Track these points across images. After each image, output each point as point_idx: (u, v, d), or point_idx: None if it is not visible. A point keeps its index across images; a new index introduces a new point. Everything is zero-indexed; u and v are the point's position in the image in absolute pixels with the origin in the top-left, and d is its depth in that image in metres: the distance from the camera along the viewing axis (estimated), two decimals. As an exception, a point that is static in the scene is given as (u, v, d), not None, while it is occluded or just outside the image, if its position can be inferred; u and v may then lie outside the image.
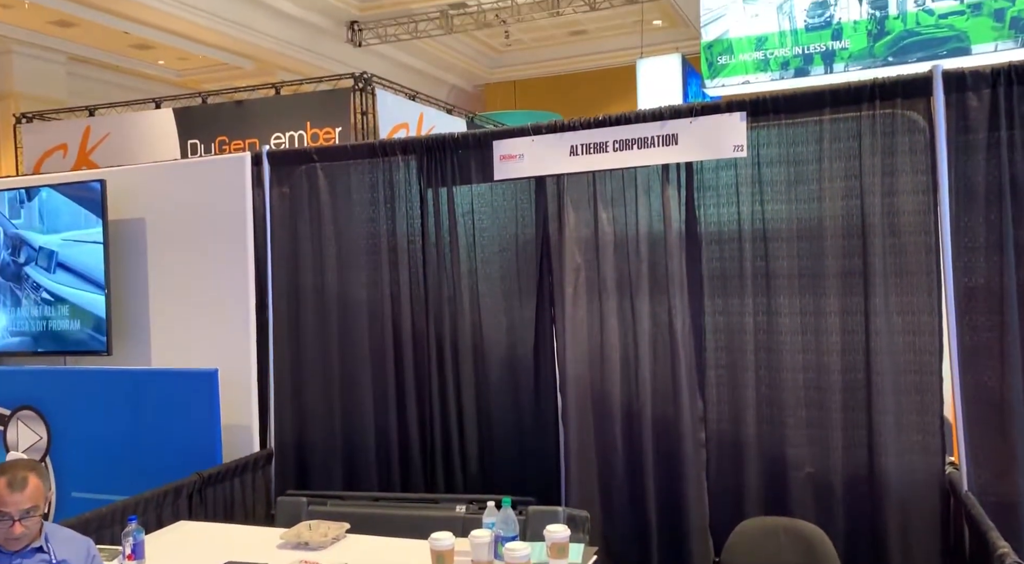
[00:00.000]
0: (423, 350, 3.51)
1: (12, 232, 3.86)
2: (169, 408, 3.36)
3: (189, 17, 10.67)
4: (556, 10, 11.85)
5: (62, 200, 3.83)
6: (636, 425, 3.16)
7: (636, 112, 3.06)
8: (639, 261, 3.14)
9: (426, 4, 12.26)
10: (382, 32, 12.82)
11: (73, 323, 3.78)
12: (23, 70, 11.51)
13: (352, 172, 3.62)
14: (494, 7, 12.02)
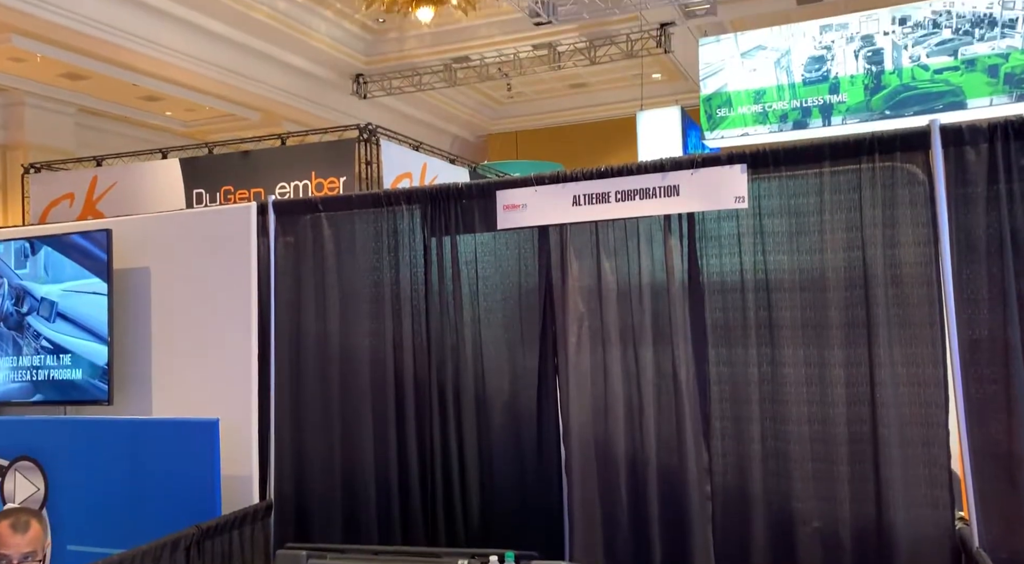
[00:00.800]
0: (425, 399, 3.49)
1: (16, 283, 3.88)
2: (168, 458, 3.32)
3: (198, 70, 10.91)
4: (557, 64, 12.12)
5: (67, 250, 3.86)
6: (641, 477, 3.12)
7: (638, 163, 3.10)
8: (642, 311, 3.14)
9: (430, 57, 12.56)
10: (387, 85, 13.09)
11: (75, 372, 3.77)
12: (33, 121, 11.72)
13: (357, 221, 3.65)
14: (496, 61, 12.30)
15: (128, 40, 9.79)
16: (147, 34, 9.95)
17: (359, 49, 12.52)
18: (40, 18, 8.84)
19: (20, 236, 4.05)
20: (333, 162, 7.96)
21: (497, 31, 11.79)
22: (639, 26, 10.94)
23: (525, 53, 12.09)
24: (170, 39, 10.25)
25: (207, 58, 10.91)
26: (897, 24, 5.94)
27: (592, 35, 11.41)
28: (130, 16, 9.67)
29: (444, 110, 14.91)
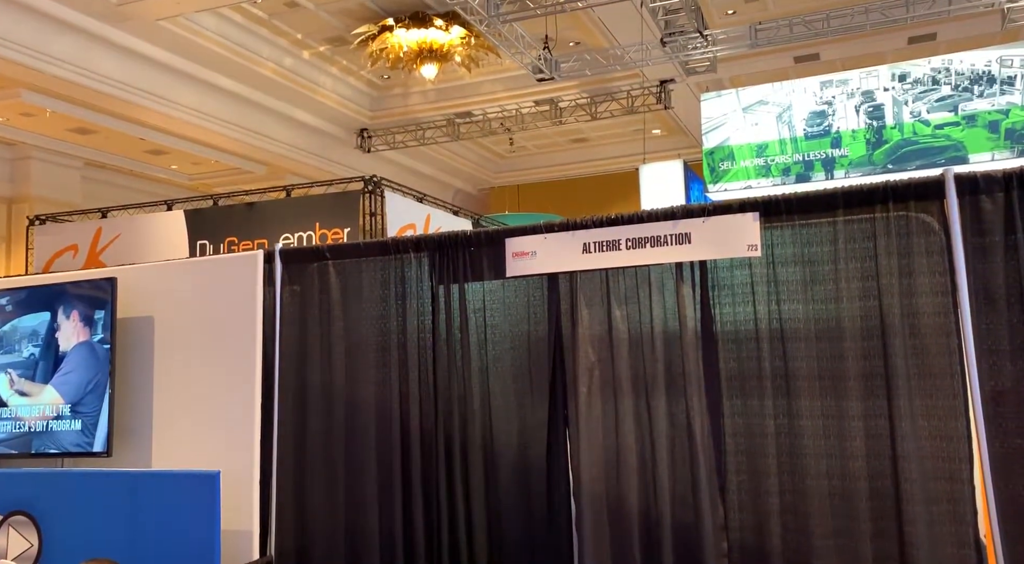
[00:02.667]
0: (431, 452, 3.40)
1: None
2: (167, 512, 3.22)
3: (205, 124, 11.08)
4: (558, 119, 12.32)
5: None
6: (654, 533, 3.01)
7: (649, 211, 3.09)
8: (655, 360, 3.09)
9: (433, 113, 12.78)
10: (390, 139, 13.28)
11: (74, 423, 3.69)
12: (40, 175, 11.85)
13: (364, 269, 3.63)
14: (499, 116, 12.51)
15: (137, 96, 9.96)
16: (156, 89, 10.12)
17: (364, 104, 12.74)
18: (50, 74, 9.01)
19: (25, 285, 4.02)
20: (337, 213, 8.00)
21: (499, 87, 12.02)
22: (640, 83, 11.15)
23: (527, 108, 12.31)
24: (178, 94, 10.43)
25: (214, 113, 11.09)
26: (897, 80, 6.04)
27: (593, 91, 11.63)
28: (140, 72, 9.86)
29: (447, 164, 15.10)
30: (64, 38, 8.89)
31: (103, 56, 9.37)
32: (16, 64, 8.73)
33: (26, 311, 3.89)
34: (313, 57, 11.41)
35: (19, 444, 3.79)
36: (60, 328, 3.80)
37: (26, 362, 3.86)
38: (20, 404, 3.79)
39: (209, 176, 13.81)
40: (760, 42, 8.07)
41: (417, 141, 13.19)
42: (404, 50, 9.79)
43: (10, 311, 3.91)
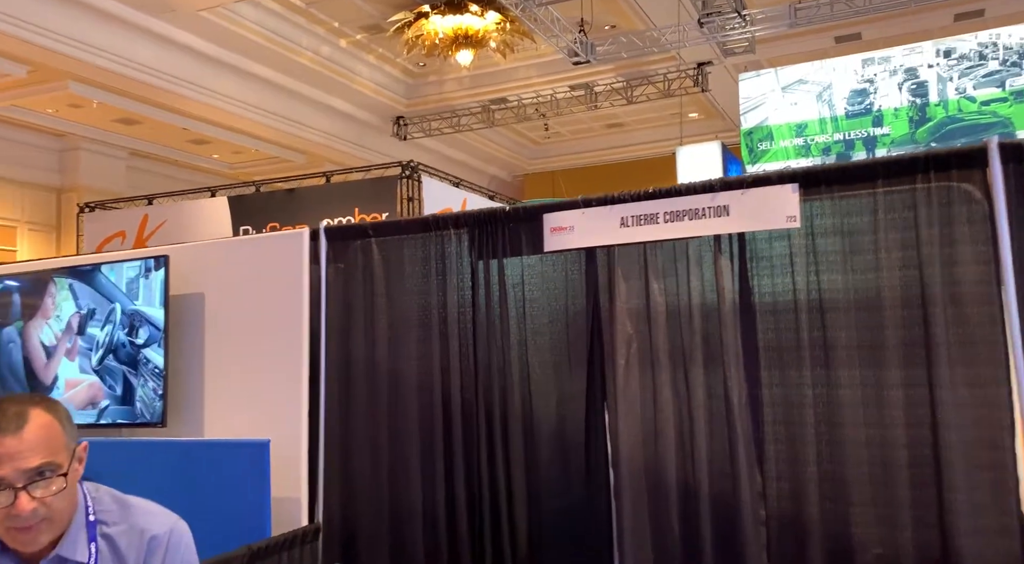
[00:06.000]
0: (472, 424, 3.48)
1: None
2: (220, 479, 3.35)
3: (246, 113, 11.29)
4: (594, 104, 12.28)
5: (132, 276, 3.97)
6: (692, 502, 3.05)
7: (687, 184, 3.12)
8: (692, 332, 3.12)
9: (468, 100, 12.83)
10: (426, 126, 13.38)
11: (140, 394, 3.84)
12: (88, 165, 12.20)
13: (405, 246, 3.71)
14: (534, 102, 12.51)
15: (180, 86, 10.19)
16: (197, 79, 10.35)
17: (400, 92, 12.85)
18: (97, 66, 9.26)
19: (75, 264, 4.18)
20: (376, 198, 8.13)
21: (535, 73, 12.02)
22: (676, 66, 11.07)
23: (562, 94, 12.29)
24: (219, 84, 10.65)
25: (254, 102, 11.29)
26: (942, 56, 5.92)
27: (629, 75, 11.58)
28: (183, 62, 10.08)
29: (481, 150, 15.16)
30: (109, 30, 9.13)
31: (147, 47, 9.61)
32: (64, 56, 9.00)
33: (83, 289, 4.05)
34: (350, 45, 11.54)
35: (92, 415, 3.96)
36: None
37: (86, 337, 4.03)
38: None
39: (249, 165, 14.07)
40: (800, 22, 7.95)
41: (452, 128, 13.26)
42: (439, 36, 9.85)
43: (69, 288, 4.08)
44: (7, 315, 4.23)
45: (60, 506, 1.30)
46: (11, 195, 11.55)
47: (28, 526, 1.25)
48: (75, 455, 1.36)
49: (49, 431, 1.30)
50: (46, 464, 1.28)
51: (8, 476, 1.23)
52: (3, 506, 1.23)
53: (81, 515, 1.37)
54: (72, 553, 1.32)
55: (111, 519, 1.40)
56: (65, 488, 1.30)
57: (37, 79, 9.80)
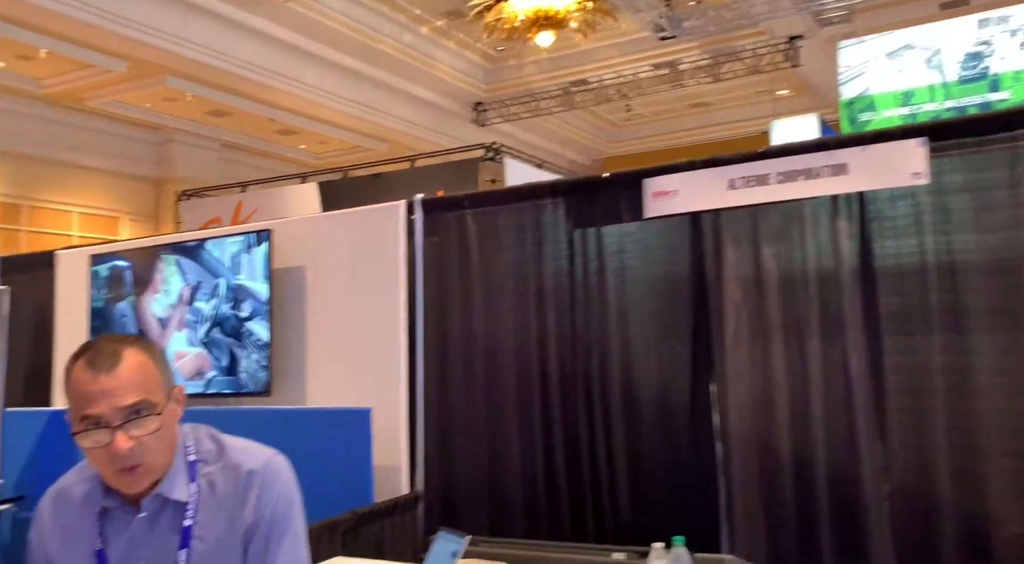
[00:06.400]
0: (571, 395, 3.43)
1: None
2: (324, 446, 3.40)
3: (330, 103, 11.52)
4: (678, 83, 11.99)
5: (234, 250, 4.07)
6: (807, 475, 2.91)
7: (801, 142, 2.96)
8: (807, 299, 2.97)
9: (548, 82, 12.73)
10: (505, 111, 13.35)
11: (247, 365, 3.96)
12: (183, 157, 12.70)
13: (500, 217, 3.67)
14: (615, 82, 12.31)
15: (269, 77, 10.47)
16: (285, 70, 10.61)
17: (479, 78, 12.87)
18: (193, 59, 9.60)
19: (179, 240, 4.32)
20: (459, 181, 8.15)
21: (616, 52, 11.82)
22: (766, 40, 10.68)
23: (645, 73, 12.05)
24: (306, 74, 10.89)
25: (338, 92, 11.50)
26: (1067, 12, 5.47)
27: (715, 51, 11.24)
28: (271, 54, 10.36)
29: (560, 134, 15.04)
30: (203, 23, 9.45)
31: (237, 39, 9.91)
32: (161, 50, 9.36)
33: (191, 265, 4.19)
34: (431, 32, 11.61)
35: (190, 386, 4.10)
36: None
37: (193, 311, 4.17)
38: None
39: (334, 154, 14.38)
40: (901, -14, 7.51)
41: (531, 112, 13.19)
42: (520, 19, 9.79)
43: (176, 264, 4.22)
44: (119, 291, 4.42)
45: (158, 447, 1.29)
46: (113, 187, 12.13)
47: (129, 467, 1.26)
48: (171, 396, 1.34)
49: (144, 370, 1.29)
50: (141, 403, 1.26)
51: (105, 414, 1.24)
52: (101, 445, 1.24)
53: (181, 456, 1.37)
54: (173, 493, 1.33)
55: (210, 458, 1.40)
56: (161, 428, 1.29)
57: (135, 74, 10.23)
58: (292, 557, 1.39)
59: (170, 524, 1.33)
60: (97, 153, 11.58)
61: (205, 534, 1.33)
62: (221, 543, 1.34)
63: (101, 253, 4.48)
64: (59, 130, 10.99)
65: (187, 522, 1.33)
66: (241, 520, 1.35)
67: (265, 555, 1.35)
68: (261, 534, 1.36)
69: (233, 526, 1.34)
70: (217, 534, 1.33)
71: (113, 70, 10.00)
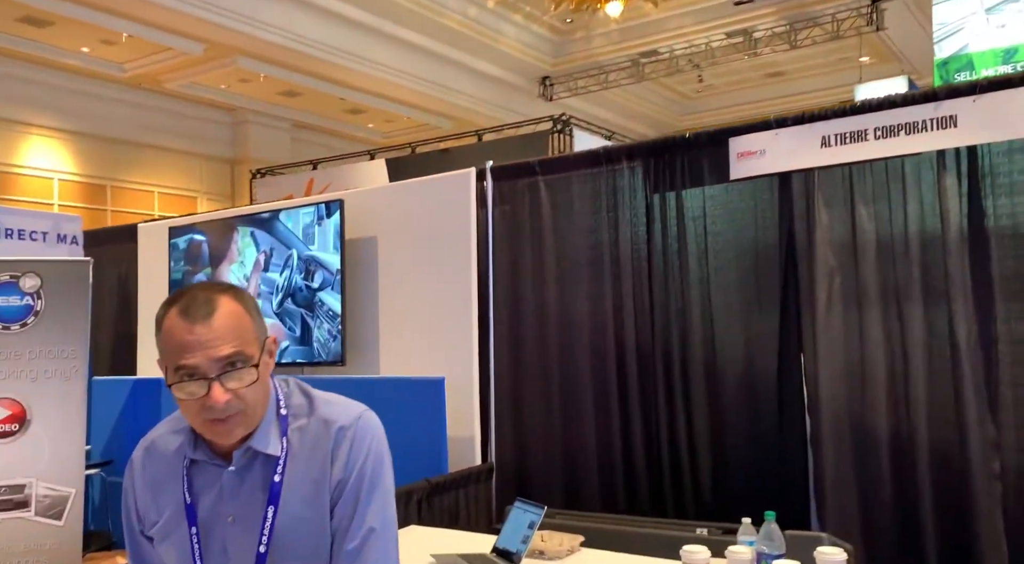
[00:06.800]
0: (649, 367, 3.30)
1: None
2: (398, 415, 3.35)
3: (397, 81, 11.53)
4: (753, 51, 11.52)
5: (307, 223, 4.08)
6: (907, 452, 2.72)
7: (903, 94, 2.74)
8: (908, 263, 2.75)
9: (616, 54, 12.42)
10: (572, 85, 13.11)
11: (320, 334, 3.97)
12: (256, 137, 12.97)
13: (574, 182, 3.56)
14: (686, 52, 11.92)
15: (338, 56, 10.54)
16: (354, 49, 10.66)
17: (546, 51, 12.66)
18: (264, 40, 9.72)
19: (254, 211, 4.35)
20: (527, 153, 7.99)
21: (688, 21, 11.43)
22: (847, 4, 10.15)
23: (718, 42, 11.62)
24: (374, 53, 10.92)
25: (405, 69, 11.50)
26: None
27: (792, 18, 10.74)
28: (340, 33, 10.41)
29: (629, 108, 14.71)
30: (273, 4, 9.55)
31: (306, 19, 9.99)
32: (234, 32, 9.51)
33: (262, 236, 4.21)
34: (497, 5, 11.46)
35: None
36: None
37: (266, 281, 4.20)
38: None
39: (401, 133, 14.44)
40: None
41: (600, 85, 12.92)
42: (588, -12, 9.54)
43: (251, 235, 4.26)
44: (197, 262, 4.50)
45: (253, 399, 1.23)
46: (191, 167, 12.49)
47: (224, 418, 1.20)
48: (265, 347, 1.27)
49: (239, 320, 1.22)
50: (236, 354, 1.20)
51: (201, 365, 1.18)
52: (197, 397, 1.19)
53: (272, 409, 1.30)
54: (264, 446, 1.27)
55: (301, 412, 1.33)
56: (257, 380, 1.23)
57: (211, 56, 10.45)
58: (381, 516, 1.32)
59: (259, 479, 1.28)
60: (176, 135, 11.93)
61: (293, 490, 1.28)
62: (308, 500, 1.28)
63: (179, 226, 4.56)
64: (140, 113, 11.35)
65: (276, 477, 1.27)
66: (329, 477, 1.29)
67: (353, 513, 1.29)
68: (350, 491, 1.29)
69: (321, 483, 1.28)
70: (305, 491, 1.28)
71: (190, 52, 10.23)
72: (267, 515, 1.25)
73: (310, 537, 1.28)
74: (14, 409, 3.76)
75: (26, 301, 3.78)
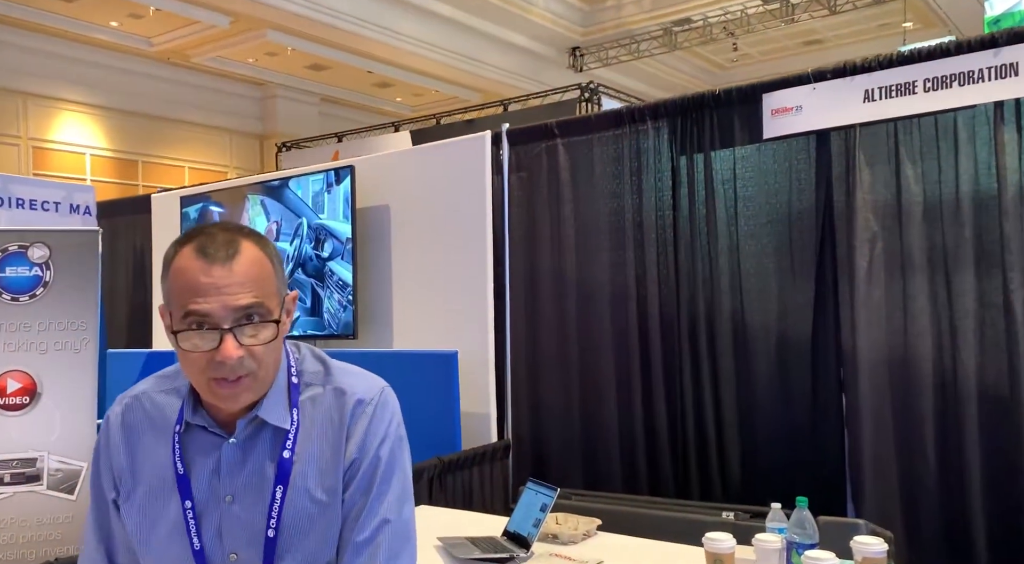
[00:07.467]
0: (673, 340, 3.11)
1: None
2: (411, 390, 3.21)
3: (425, 53, 11.35)
4: (791, 17, 11.08)
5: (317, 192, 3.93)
6: (955, 433, 2.50)
7: (957, 41, 2.48)
8: (959, 227, 2.51)
9: (648, 22, 12.05)
10: (603, 55, 12.79)
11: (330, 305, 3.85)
12: (284, 112, 12.92)
13: (595, 145, 3.35)
14: (721, 20, 11.51)
15: (365, 28, 10.38)
16: (381, 21, 10.49)
17: (576, 21, 12.35)
18: (292, 12, 9.60)
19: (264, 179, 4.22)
20: (555, 125, 7.79)
21: (724, -14, 11.02)
22: (892, -37, 9.66)
23: (753, 8, 11.19)
24: (401, 25, 10.74)
25: (433, 41, 11.31)
26: None
27: (833, -20, 10.28)
28: (369, 5, 10.25)
29: (661, 78, 14.33)
30: (300, -26, 9.40)
31: (335, -10, 9.82)
32: (263, 4, 9.39)
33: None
34: (526, -27, 11.17)
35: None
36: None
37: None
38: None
39: (429, 106, 14.26)
40: None
41: (631, 55, 12.57)
42: (620, -48, 9.20)
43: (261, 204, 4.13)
44: (210, 233, 4.39)
45: (268, 360, 1.06)
46: (220, 143, 12.49)
47: (235, 379, 1.03)
48: (284, 305, 1.10)
49: (262, 269, 1.05)
50: (256, 305, 1.03)
51: (214, 312, 1.01)
52: (206, 350, 1.01)
53: (284, 375, 1.14)
54: (272, 417, 1.10)
55: (315, 380, 1.16)
56: (275, 338, 1.06)
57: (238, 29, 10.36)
58: (397, 507, 1.16)
59: (266, 454, 1.11)
60: (205, 110, 11.92)
61: (305, 468, 1.11)
62: (321, 480, 1.12)
63: (191, 195, 4.46)
64: (170, 88, 11.35)
65: (286, 453, 1.10)
66: (344, 454, 1.12)
67: (366, 501, 1.13)
68: (364, 475, 1.13)
69: (335, 461, 1.12)
70: (317, 469, 1.11)
71: (217, 25, 10.15)
72: (275, 495, 1.08)
73: (321, 523, 1.11)
74: (24, 381, 3.71)
75: (35, 272, 3.71)
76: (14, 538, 3.62)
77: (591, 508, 2.57)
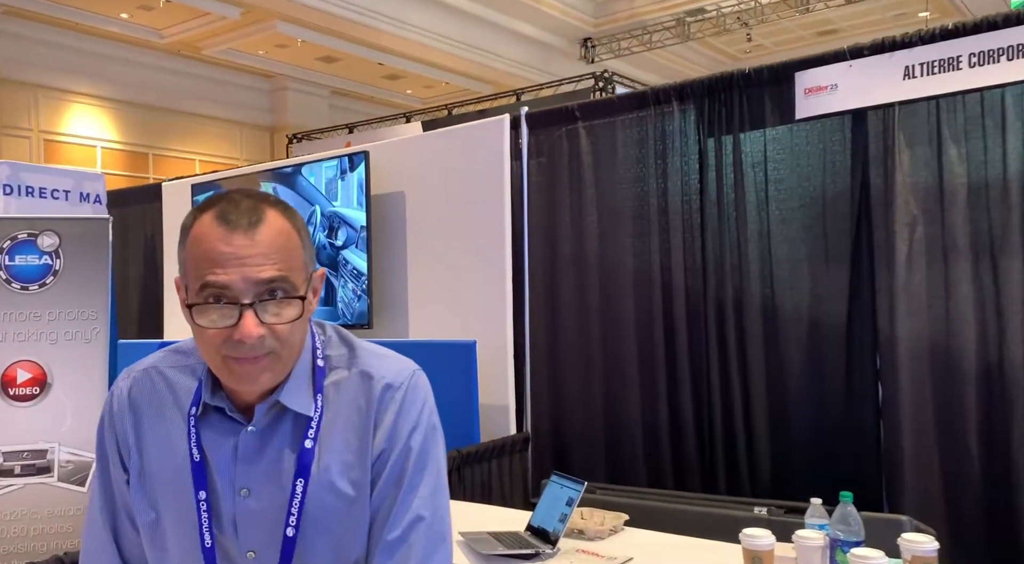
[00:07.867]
0: (700, 328, 3.00)
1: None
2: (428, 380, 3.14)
3: (436, 45, 11.25)
4: (805, 7, 10.92)
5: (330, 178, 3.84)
6: (1002, 426, 2.39)
7: (1005, 14, 2.36)
8: (1006, 210, 2.40)
9: (661, 13, 11.91)
10: (615, 46, 12.66)
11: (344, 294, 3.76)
12: (295, 104, 12.85)
13: (618, 128, 3.24)
14: (735, 9, 11.36)
15: (376, 19, 10.29)
16: (392, 12, 10.40)
17: (588, 11, 12.22)
18: (302, 3, 9.51)
19: (275, 167, 4.14)
20: (569, 115, 7.69)
21: (739, -25, 10.87)
22: (911, -50, 9.47)
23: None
24: (412, 16, 10.64)
25: (444, 33, 11.21)
26: None
27: (851, -32, 10.11)
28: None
29: (673, 70, 14.17)
30: (309, -36, 9.31)
31: (345, -20, 9.73)
32: (272, -6, 9.30)
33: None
34: (538, -37, 11.05)
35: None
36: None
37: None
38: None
39: (439, 98, 14.15)
40: None
41: (643, 46, 12.44)
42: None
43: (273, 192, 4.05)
44: (223, 222, 4.31)
45: (292, 341, 0.97)
46: (231, 135, 12.44)
47: (252, 358, 0.94)
48: (311, 282, 1.00)
49: (288, 240, 0.96)
50: (280, 279, 0.94)
51: (234, 284, 0.92)
52: (223, 326, 0.92)
53: (307, 357, 1.04)
54: (294, 403, 1.00)
55: (340, 364, 1.06)
56: (300, 317, 0.96)
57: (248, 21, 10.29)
58: (431, 503, 1.04)
59: (286, 443, 1.01)
60: (216, 102, 11.87)
61: (329, 460, 1.01)
62: (347, 473, 1.02)
63: (202, 182, 4.38)
64: (180, 80, 11.29)
65: (308, 443, 1.00)
66: (371, 444, 1.02)
67: (397, 495, 1.02)
68: (394, 468, 1.03)
69: (362, 452, 1.02)
70: (343, 460, 1.02)
71: (227, 17, 10.08)
72: (296, 489, 0.99)
73: (347, 519, 1.01)
74: (35, 372, 3.64)
75: (44, 260, 3.64)
76: (25, 530, 3.55)
77: (617, 502, 2.48)
